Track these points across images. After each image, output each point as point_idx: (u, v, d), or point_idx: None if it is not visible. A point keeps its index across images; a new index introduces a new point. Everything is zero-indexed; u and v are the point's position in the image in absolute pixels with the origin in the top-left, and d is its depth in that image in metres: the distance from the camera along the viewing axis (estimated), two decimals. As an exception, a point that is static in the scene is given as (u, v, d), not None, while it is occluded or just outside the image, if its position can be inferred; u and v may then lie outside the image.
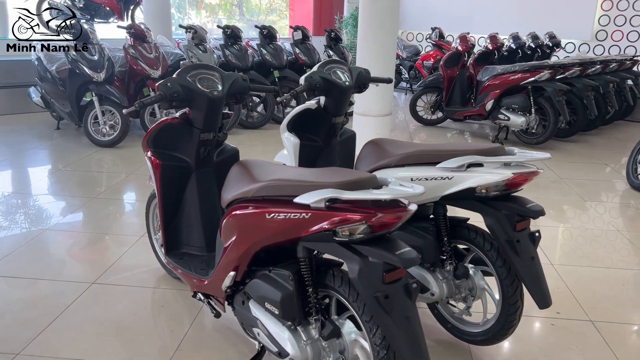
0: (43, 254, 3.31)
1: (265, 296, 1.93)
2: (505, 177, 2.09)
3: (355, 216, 1.66)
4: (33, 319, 2.56)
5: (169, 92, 2.29)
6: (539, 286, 2.14)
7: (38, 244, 3.44)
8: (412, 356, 1.69)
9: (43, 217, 3.91)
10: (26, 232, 3.61)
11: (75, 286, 2.88)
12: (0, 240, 3.46)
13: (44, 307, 2.68)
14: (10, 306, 2.69)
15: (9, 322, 2.54)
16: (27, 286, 2.89)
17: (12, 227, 3.69)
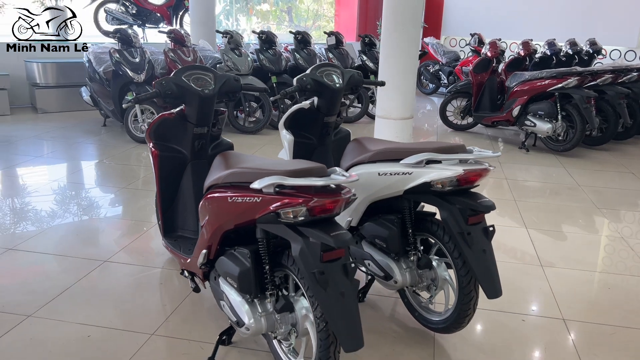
0: (70, 234, 3.69)
1: (228, 271, 2.17)
2: (457, 173, 2.23)
3: (296, 200, 1.87)
4: (47, 289, 2.91)
5: (163, 89, 2.58)
6: (489, 277, 2.26)
7: (68, 225, 3.83)
8: (344, 328, 1.88)
9: (79, 201, 4.33)
10: (62, 214, 4.02)
11: (88, 263, 3.23)
12: (40, 219, 3.88)
13: (58, 279, 3.04)
14: (30, 276, 3.06)
15: (26, 290, 2.91)
16: (48, 261, 3.26)
17: (52, 209, 4.11)
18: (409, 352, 2.49)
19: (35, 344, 2.45)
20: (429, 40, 10.13)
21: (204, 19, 8.34)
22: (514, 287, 3.11)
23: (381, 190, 2.50)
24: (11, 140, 6.10)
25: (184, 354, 2.42)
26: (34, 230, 3.72)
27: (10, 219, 3.94)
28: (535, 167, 5.71)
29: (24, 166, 5.22)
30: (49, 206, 4.20)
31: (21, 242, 3.50)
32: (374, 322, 2.72)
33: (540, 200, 4.71)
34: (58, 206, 4.23)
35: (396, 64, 5.52)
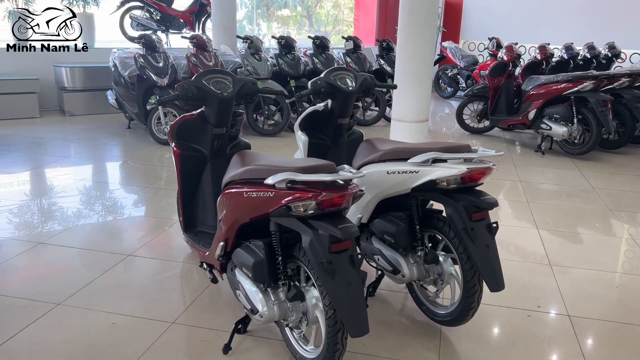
0: (95, 230, 3.88)
1: (243, 262, 2.31)
2: (461, 171, 2.34)
3: (306, 194, 2.00)
4: (74, 280, 3.09)
5: (185, 92, 2.74)
6: (492, 271, 2.36)
7: (94, 222, 4.03)
8: (350, 315, 2.00)
9: (104, 200, 4.53)
10: (87, 211, 4.22)
11: (113, 257, 3.41)
12: (67, 216, 4.08)
13: (85, 271, 3.22)
14: (58, 269, 3.25)
15: (55, 281, 3.09)
16: (76, 254, 3.45)
17: (79, 207, 4.32)
18: (415, 342, 2.60)
19: (64, 329, 2.62)
20: (447, 45, 10.20)
21: (226, 24, 8.55)
22: (522, 285, 3.20)
23: (390, 188, 2.62)
24: (40, 141, 6.36)
25: (202, 341, 2.56)
26: (62, 226, 3.92)
27: (39, 216, 4.15)
28: (550, 170, 5.75)
29: (52, 166, 5.45)
30: (75, 204, 4.40)
31: (50, 237, 3.70)
32: (383, 315, 2.84)
33: (553, 202, 4.77)
34: (84, 204, 4.43)
35: (412, 68, 5.63)
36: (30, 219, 4.07)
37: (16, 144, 6.20)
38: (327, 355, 2.15)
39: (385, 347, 2.56)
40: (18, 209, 4.22)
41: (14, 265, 3.28)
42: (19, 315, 2.72)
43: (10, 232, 3.78)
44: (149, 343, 2.52)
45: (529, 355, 2.54)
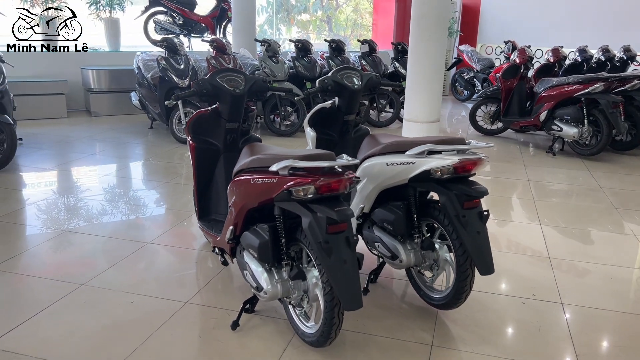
0: (117, 220, 4.13)
1: (250, 244, 2.51)
2: (453, 162, 2.50)
3: (305, 180, 2.19)
4: (97, 264, 3.34)
5: (200, 88, 2.96)
6: (482, 256, 2.52)
7: (116, 213, 4.28)
8: (345, 290, 2.18)
9: (126, 194, 4.79)
10: (110, 203, 4.48)
11: (133, 244, 3.64)
12: (92, 207, 4.34)
13: (107, 256, 3.46)
14: (83, 253, 3.50)
15: (80, 264, 3.34)
16: (99, 241, 3.70)
17: (102, 200, 4.58)
18: (411, 324, 2.76)
19: (88, 306, 2.85)
20: (463, 48, 10.31)
21: (245, 28, 8.80)
22: (519, 275, 3.33)
23: (389, 179, 2.79)
24: (68, 140, 6.68)
25: (213, 318, 2.76)
26: (86, 216, 4.18)
27: (66, 208, 4.41)
28: (560, 170, 5.84)
29: (78, 163, 5.74)
30: (99, 197, 4.67)
31: (75, 226, 3.96)
32: (383, 299, 3.01)
33: (558, 200, 4.87)
34: (107, 197, 4.69)
35: (423, 70, 5.78)
36: (58, 210, 4.34)
37: (45, 142, 6.52)
38: (325, 329, 2.33)
39: (384, 328, 2.72)
40: (46, 201, 4.50)
41: (43, 250, 3.54)
42: (46, 293, 2.96)
43: (39, 222, 4.05)
44: (165, 319, 2.73)
45: (519, 338, 2.68)
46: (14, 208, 4.27)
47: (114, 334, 2.60)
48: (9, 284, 3.08)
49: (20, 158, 5.71)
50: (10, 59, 6.32)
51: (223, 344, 2.55)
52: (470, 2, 11.80)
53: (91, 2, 8.63)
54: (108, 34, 8.85)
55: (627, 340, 2.68)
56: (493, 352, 2.55)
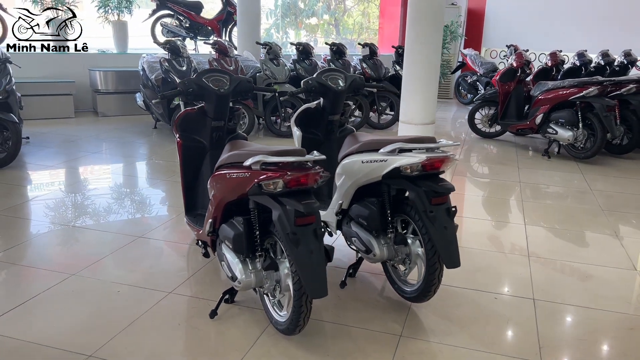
0: (114, 214, 4.29)
1: (226, 235, 2.63)
2: (421, 159, 2.60)
3: (274, 174, 2.31)
4: (89, 255, 3.49)
5: (186, 88, 3.10)
6: (448, 250, 2.62)
7: (113, 208, 4.44)
8: (311, 279, 2.30)
9: (126, 190, 4.94)
10: (109, 199, 4.64)
11: (125, 238, 3.78)
12: (91, 203, 4.50)
13: (100, 248, 3.61)
14: (77, 246, 3.65)
15: (73, 255, 3.49)
16: (93, 235, 3.85)
17: (102, 195, 4.73)
18: (384, 316, 2.86)
19: (76, 294, 3.00)
20: (467, 52, 10.36)
21: (250, 32, 8.95)
22: (495, 272, 3.42)
23: (365, 176, 2.90)
24: (73, 139, 6.86)
25: (193, 308, 2.89)
26: (85, 211, 4.34)
27: (65, 202, 4.58)
28: (553, 173, 5.90)
29: (81, 161, 5.92)
30: (98, 193, 4.83)
31: (74, 220, 4.12)
32: (360, 293, 3.11)
33: (547, 201, 4.94)
34: (107, 193, 4.85)
35: (418, 73, 5.90)
36: (57, 205, 4.51)
37: (51, 141, 6.71)
38: (293, 317, 2.44)
39: (357, 319, 2.83)
40: (47, 196, 4.67)
41: (39, 242, 3.70)
42: (38, 282, 3.11)
43: (38, 216, 4.21)
44: (147, 308, 2.87)
45: (486, 330, 2.77)
46: (15, 202, 4.44)
47: (97, 321, 2.74)
48: (3, 273, 3.23)
49: (26, 156, 5.90)
50: (20, 60, 6.53)
51: (200, 332, 2.68)
52: (476, 6, 11.87)
53: (100, 4, 8.85)
54: (116, 37, 9.06)
55: (588, 334, 2.76)
56: (459, 342, 2.64)
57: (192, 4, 9.67)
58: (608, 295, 3.16)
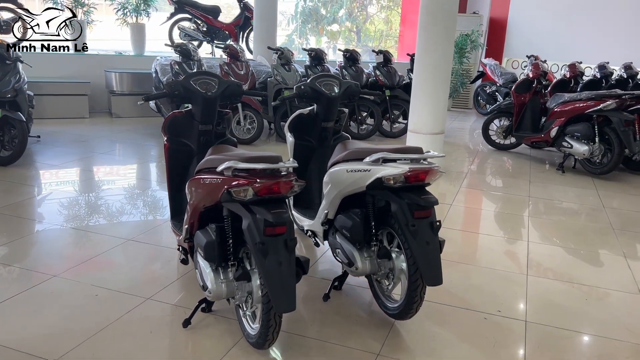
0: (106, 216, 4.26)
1: (199, 243, 2.55)
2: (403, 170, 2.49)
3: (243, 181, 2.22)
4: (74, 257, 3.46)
5: (172, 90, 3.04)
6: (430, 266, 2.49)
7: (107, 208, 4.41)
8: (277, 292, 2.20)
9: (125, 190, 4.92)
10: (106, 200, 4.62)
11: (113, 240, 3.74)
12: (85, 203, 4.49)
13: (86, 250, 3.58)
14: (64, 247, 3.62)
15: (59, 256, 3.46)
16: (82, 236, 3.82)
17: (99, 196, 4.72)
18: (364, 332, 2.74)
19: (54, 296, 2.95)
20: (487, 61, 10.17)
21: (265, 37, 8.93)
22: (490, 290, 3.26)
23: (349, 186, 2.79)
24: (84, 139, 6.90)
25: (168, 315, 2.82)
26: (79, 212, 4.32)
27: (62, 202, 4.56)
28: (565, 188, 5.68)
29: (87, 161, 5.94)
30: (98, 194, 4.82)
31: (66, 219, 4.09)
32: (343, 307, 2.99)
33: (554, 218, 4.74)
34: (106, 194, 4.83)
35: (427, 80, 5.75)
36: (54, 204, 4.50)
37: (62, 140, 6.76)
38: (262, 331, 2.35)
39: (335, 335, 2.71)
40: (45, 195, 4.68)
41: (28, 242, 3.69)
42: (19, 282, 3.09)
43: (33, 215, 4.21)
44: (122, 313, 2.80)
45: (470, 352, 2.63)
46: (14, 200, 4.45)
47: (69, 325, 2.68)
48: (-14, 272, 3.22)
49: (34, 154, 5.95)
50: (37, 60, 6.56)
51: (171, 341, 2.60)
52: (498, 15, 11.65)
53: (119, 7, 8.93)
54: (133, 39, 9.13)
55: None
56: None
57: (210, 8, 9.70)
58: (608, 321, 2.98)
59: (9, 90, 5.36)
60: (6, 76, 5.46)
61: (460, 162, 6.68)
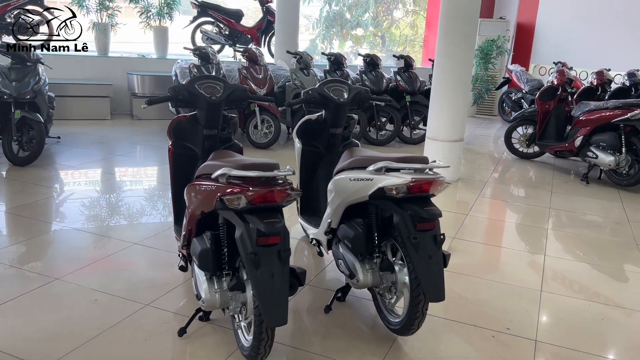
0: (116, 218, 4.25)
1: (194, 251, 2.49)
2: (405, 180, 2.39)
3: (235, 189, 2.16)
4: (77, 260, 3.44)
5: (175, 94, 3.00)
6: (431, 281, 2.38)
7: (117, 210, 4.41)
8: (269, 305, 2.12)
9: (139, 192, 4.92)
10: (116, 202, 4.62)
11: (120, 244, 3.72)
12: (94, 205, 4.50)
13: (90, 253, 3.57)
14: (69, 249, 3.62)
15: (63, 258, 3.45)
16: (90, 239, 3.81)
17: (110, 198, 4.73)
18: (364, 347, 2.64)
19: (54, 299, 2.94)
20: (513, 68, 9.93)
21: (287, 41, 8.91)
22: (500, 307, 3.13)
23: (352, 195, 2.70)
24: (103, 141, 6.96)
25: (165, 323, 2.77)
26: (89, 214, 4.32)
27: (74, 204, 4.58)
28: (588, 200, 5.47)
29: (104, 163, 5.98)
30: (110, 196, 4.83)
31: (75, 221, 4.10)
32: (344, 319, 2.90)
33: (575, 230, 4.56)
34: (118, 196, 4.84)
35: (446, 87, 5.63)
36: (65, 206, 4.52)
37: (81, 141, 6.83)
38: (254, 344, 2.27)
39: (333, 348, 2.62)
40: (57, 196, 4.71)
41: (35, 243, 3.68)
42: (21, 284, 3.08)
43: (43, 216, 4.22)
44: (119, 319, 2.76)
45: (474, 372, 2.51)
46: (26, 201, 4.48)
47: (64, 330, 2.65)
48: (-9, 273, 3.22)
49: (53, 155, 6.01)
50: (62, 62, 6.61)
51: (163, 349, 2.55)
52: (526, 20, 11.40)
53: (142, 10, 9.01)
54: (156, 42, 9.20)
55: (593, 387, 2.45)
56: (439, 385, 2.39)
57: (233, 12, 9.72)
58: (624, 343, 2.83)
59: (28, 91, 5.43)
60: (26, 78, 5.53)
61: (480, 170, 6.51)
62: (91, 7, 8.66)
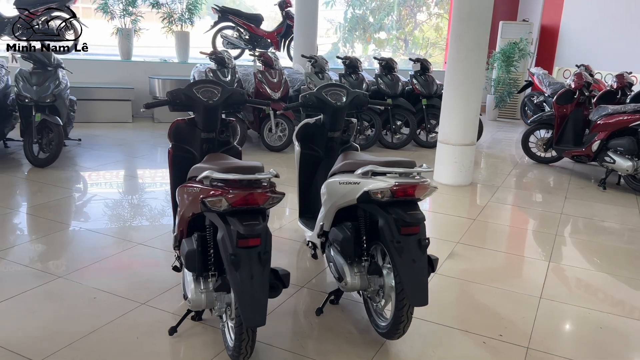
0: (124, 218, 4.36)
1: (182, 252, 2.55)
2: (389, 184, 2.39)
3: (216, 192, 2.20)
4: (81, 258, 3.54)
5: (173, 98, 3.07)
6: (414, 285, 2.38)
7: (126, 210, 4.52)
8: (247, 305, 2.15)
9: (146, 194, 5.03)
10: (127, 203, 4.73)
11: (125, 243, 3.82)
12: (105, 206, 4.62)
13: (95, 252, 3.66)
14: (77, 248, 3.72)
15: (67, 257, 3.56)
16: (97, 239, 3.92)
17: (121, 198, 4.85)
18: (351, 350, 2.65)
19: (55, 296, 3.03)
20: (535, 71, 9.77)
21: (306, 45, 8.97)
22: (495, 312, 3.09)
23: (341, 198, 2.72)
24: (123, 143, 7.13)
25: (158, 321, 2.83)
26: (99, 214, 4.44)
27: (85, 204, 4.71)
28: (604, 206, 5.35)
29: (121, 165, 6.12)
30: (121, 197, 4.95)
31: (84, 222, 4.22)
32: (335, 322, 2.91)
33: (585, 237, 4.46)
34: (129, 197, 4.95)
35: (458, 90, 5.59)
36: (77, 206, 4.66)
37: (102, 144, 7.01)
38: (235, 344, 2.31)
39: (321, 350, 2.64)
40: (73, 197, 4.84)
41: (43, 242, 3.81)
42: (24, 281, 3.19)
43: (55, 216, 4.35)
44: (114, 317, 2.84)
45: (459, 378, 2.49)
46: (41, 201, 4.63)
47: (61, 327, 2.74)
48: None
49: (73, 157, 6.19)
50: (85, 66, 6.77)
51: (152, 348, 2.61)
52: (550, 23, 11.20)
53: (164, 16, 9.21)
54: (178, 46, 9.38)
55: (580, 397, 2.40)
56: (421, 390, 2.39)
57: (253, 17, 9.84)
58: (618, 353, 2.76)
59: (48, 95, 5.61)
60: (46, 82, 5.71)
61: (495, 175, 6.43)
62: (115, 13, 8.90)
